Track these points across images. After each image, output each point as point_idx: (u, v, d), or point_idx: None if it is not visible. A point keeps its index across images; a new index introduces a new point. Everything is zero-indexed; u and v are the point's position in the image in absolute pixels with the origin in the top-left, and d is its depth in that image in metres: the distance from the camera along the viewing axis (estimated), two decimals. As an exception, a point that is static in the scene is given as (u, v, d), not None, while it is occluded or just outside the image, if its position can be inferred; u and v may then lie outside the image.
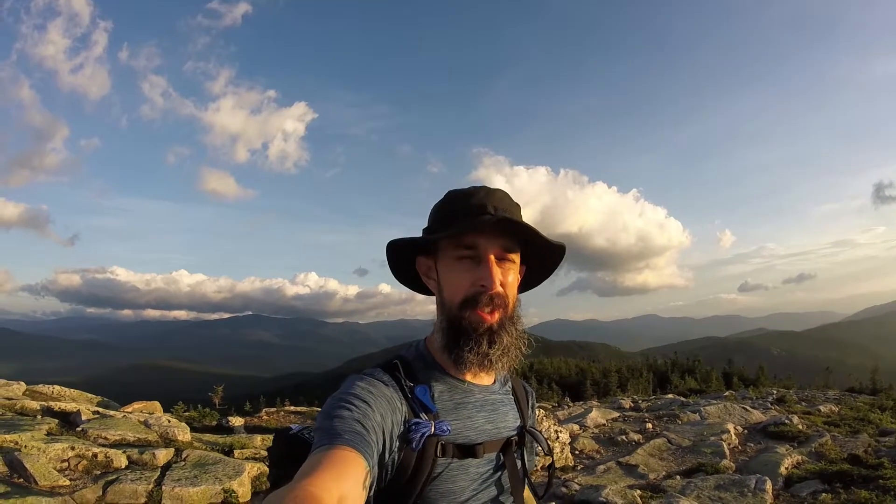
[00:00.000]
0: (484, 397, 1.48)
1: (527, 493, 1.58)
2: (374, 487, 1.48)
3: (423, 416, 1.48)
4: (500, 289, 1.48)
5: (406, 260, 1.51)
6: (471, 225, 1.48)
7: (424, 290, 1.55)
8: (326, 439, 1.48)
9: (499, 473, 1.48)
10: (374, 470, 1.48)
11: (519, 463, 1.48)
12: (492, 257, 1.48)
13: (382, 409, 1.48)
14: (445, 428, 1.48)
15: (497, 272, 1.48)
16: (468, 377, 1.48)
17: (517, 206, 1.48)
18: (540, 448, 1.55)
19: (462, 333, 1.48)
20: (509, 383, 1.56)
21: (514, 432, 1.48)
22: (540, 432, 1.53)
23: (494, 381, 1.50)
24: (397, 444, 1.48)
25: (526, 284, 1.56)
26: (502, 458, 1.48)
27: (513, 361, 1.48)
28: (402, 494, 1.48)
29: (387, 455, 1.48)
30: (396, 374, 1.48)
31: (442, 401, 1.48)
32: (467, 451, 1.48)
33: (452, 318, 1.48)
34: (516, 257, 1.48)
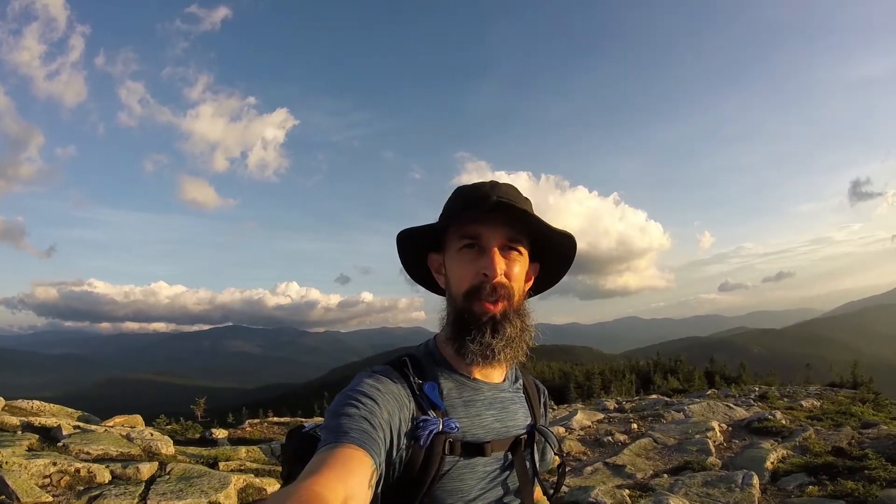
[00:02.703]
0: (493, 395, 1.47)
1: (539, 493, 1.57)
2: (381, 485, 1.47)
3: (432, 413, 1.47)
4: (503, 279, 1.47)
5: (418, 257, 1.50)
6: (470, 214, 1.46)
7: (436, 289, 1.53)
8: (333, 437, 1.47)
9: (507, 472, 1.47)
10: (381, 468, 1.46)
11: (528, 462, 1.47)
12: (495, 247, 1.46)
13: (390, 406, 1.46)
14: (454, 425, 1.46)
15: (500, 262, 1.46)
16: (477, 374, 1.47)
17: (525, 201, 1.47)
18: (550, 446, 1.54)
19: (466, 324, 1.47)
20: (520, 381, 1.55)
21: (524, 431, 1.47)
22: (552, 431, 1.52)
23: (505, 379, 1.49)
24: (405, 441, 1.46)
25: (544, 283, 1.56)
26: (511, 456, 1.47)
27: (517, 354, 1.47)
28: (410, 492, 1.47)
29: (394, 452, 1.46)
30: (405, 371, 1.47)
31: (451, 398, 1.47)
32: (475, 449, 1.47)
33: (457, 309, 1.47)
34: (523, 249, 1.46)
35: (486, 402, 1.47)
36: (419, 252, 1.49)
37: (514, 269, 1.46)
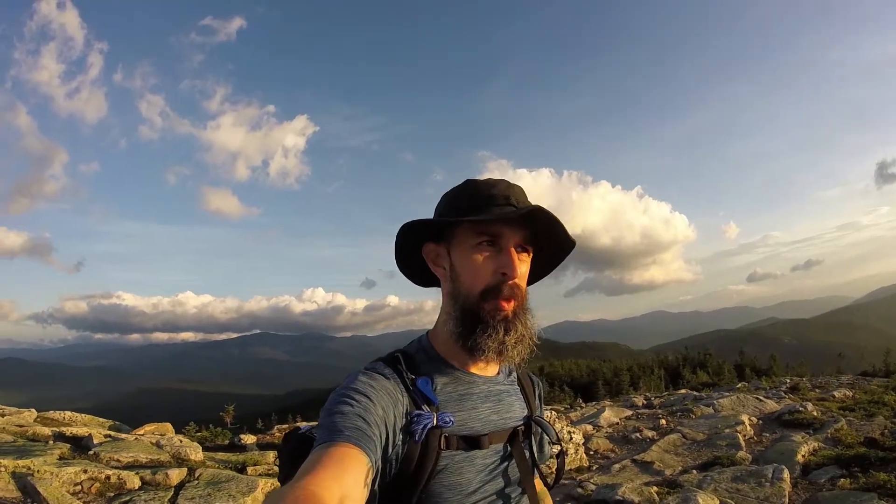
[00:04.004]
0: (488, 388, 1.47)
1: (539, 485, 1.56)
2: (378, 482, 1.46)
3: (425, 407, 1.46)
4: (518, 279, 1.47)
5: (411, 247, 1.48)
6: (501, 214, 1.47)
7: (421, 280, 1.53)
8: (328, 436, 1.47)
9: (506, 464, 1.47)
10: (377, 465, 1.46)
11: (527, 453, 1.47)
12: (512, 247, 1.47)
13: (384, 402, 1.46)
14: (448, 419, 1.46)
15: (518, 263, 1.47)
16: (472, 368, 1.47)
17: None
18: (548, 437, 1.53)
19: (480, 322, 1.47)
20: (514, 374, 1.54)
21: (521, 422, 1.47)
22: (548, 421, 1.51)
23: (499, 372, 1.48)
24: (400, 437, 1.46)
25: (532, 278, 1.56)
26: (509, 448, 1.47)
27: (526, 351, 1.47)
28: (408, 488, 1.47)
29: (390, 449, 1.46)
30: (398, 367, 1.46)
31: (445, 392, 1.46)
32: (472, 442, 1.46)
33: (469, 305, 1.47)
34: (531, 250, 1.47)
35: (482, 395, 1.46)
36: (415, 241, 1.48)
37: (524, 269, 1.47)
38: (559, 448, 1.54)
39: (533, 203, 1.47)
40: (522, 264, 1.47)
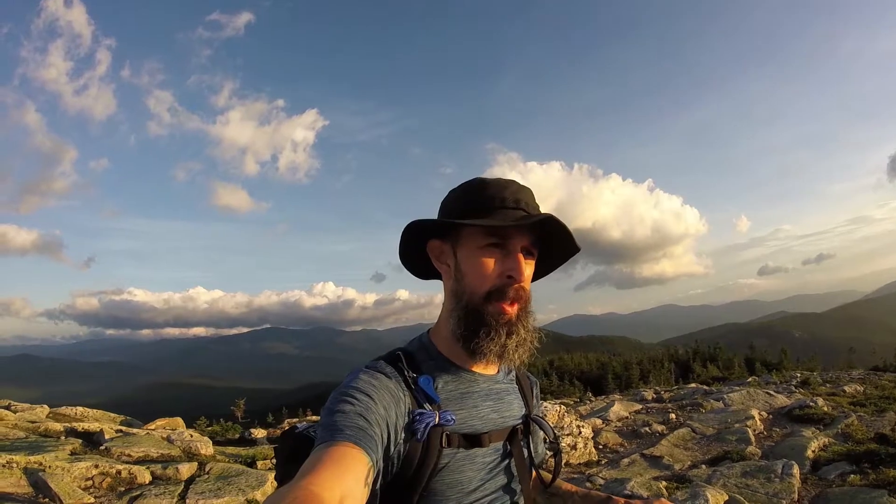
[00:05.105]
0: (489, 387, 1.47)
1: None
2: (379, 481, 1.47)
3: (427, 406, 1.47)
4: (524, 283, 1.48)
5: (416, 241, 1.48)
6: (514, 219, 1.47)
7: (420, 273, 1.53)
8: (328, 435, 1.47)
9: (506, 462, 1.47)
10: (379, 464, 1.46)
11: (526, 451, 1.47)
12: (519, 250, 1.47)
13: (385, 401, 1.46)
14: (450, 418, 1.46)
15: (525, 266, 1.47)
16: (473, 367, 1.47)
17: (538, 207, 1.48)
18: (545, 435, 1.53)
19: (483, 323, 1.47)
20: (513, 373, 1.55)
21: (520, 421, 1.47)
22: (546, 419, 1.51)
23: (498, 371, 1.48)
24: (402, 435, 1.46)
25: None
26: (509, 446, 1.47)
27: (527, 354, 1.47)
28: (410, 486, 1.47)
29: (392, 447, 1.46)
30: (399, 366, 1.46)
31: (446, 391, 1.47)
32: (473, 440, 1.47)
33: (474, 306, 1.47)
34: (536, 254, 1.47)
35: (483, 393, 1.47)
36: (420, 237, 1.48)
37: (528, 272, 1.47)
38: (557, 447, 1.55)
39: (537, 200, 1.46)
40: (528, 267, 1.47)
